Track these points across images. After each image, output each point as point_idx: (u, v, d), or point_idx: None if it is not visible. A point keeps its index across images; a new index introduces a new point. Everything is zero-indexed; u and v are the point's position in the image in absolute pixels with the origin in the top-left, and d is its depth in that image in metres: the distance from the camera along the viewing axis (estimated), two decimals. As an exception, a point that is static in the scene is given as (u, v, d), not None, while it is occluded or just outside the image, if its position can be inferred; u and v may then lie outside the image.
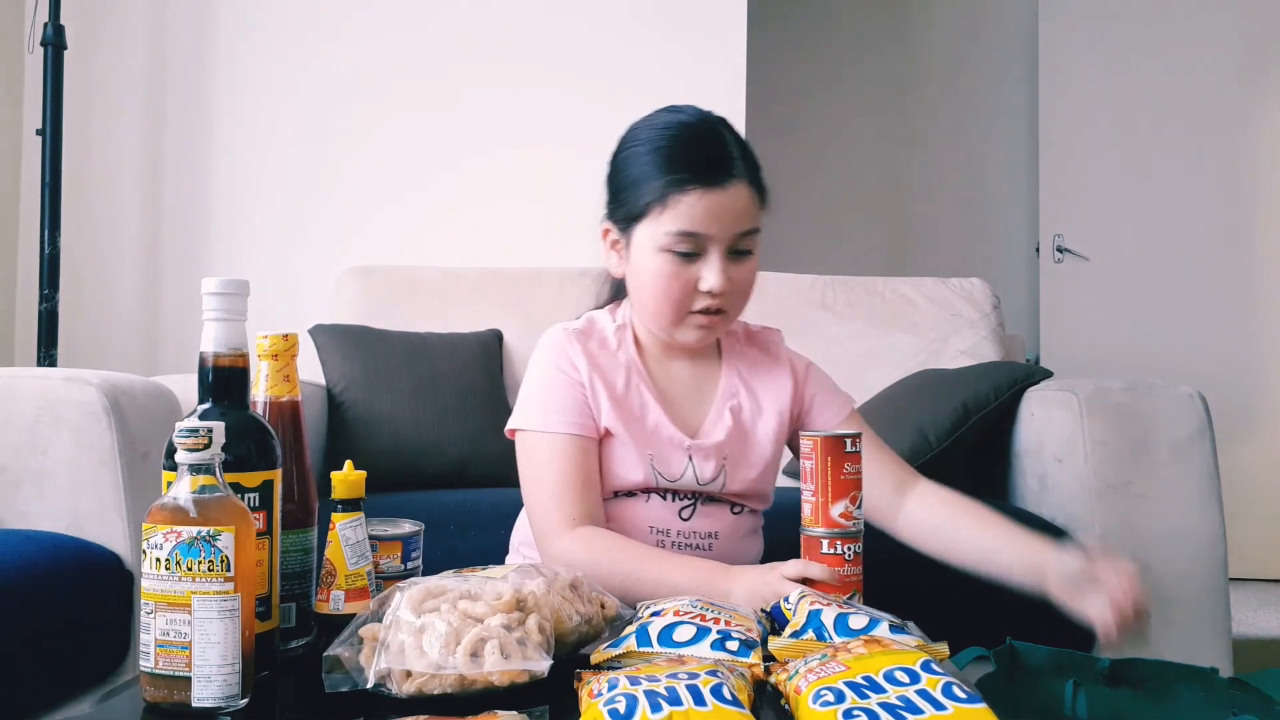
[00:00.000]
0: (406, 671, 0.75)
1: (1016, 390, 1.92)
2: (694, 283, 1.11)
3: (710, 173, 1.09)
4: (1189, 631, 1.67)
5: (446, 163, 2.74)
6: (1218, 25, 3.62)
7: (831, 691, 0.69)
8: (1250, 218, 3.63)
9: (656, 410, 1.17)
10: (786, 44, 4.00)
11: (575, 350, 1.17)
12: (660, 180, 1.10)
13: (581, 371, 1.16)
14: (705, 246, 1.10)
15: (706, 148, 1.12)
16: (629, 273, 1.17)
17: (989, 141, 4.03)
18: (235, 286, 0.85)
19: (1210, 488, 1.69)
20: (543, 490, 1.14)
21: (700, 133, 1.13)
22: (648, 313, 1.16)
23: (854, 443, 1.00)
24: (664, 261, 1.10)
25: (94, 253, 2.73)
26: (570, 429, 1.14)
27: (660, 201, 1.09)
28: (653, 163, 1.11)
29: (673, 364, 1.21)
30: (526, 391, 1.20)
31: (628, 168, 1.15)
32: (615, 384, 1.17)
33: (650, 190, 1.10)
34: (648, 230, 1.11)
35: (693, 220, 1.08)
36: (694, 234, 1.09)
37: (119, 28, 2.75)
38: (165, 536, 0.74)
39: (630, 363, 1.19)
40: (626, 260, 1.16)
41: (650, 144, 1.13)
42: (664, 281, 1.11)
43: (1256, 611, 2.99)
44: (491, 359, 2.24)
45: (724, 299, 1.12)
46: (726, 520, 1.19)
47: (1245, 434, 3.47)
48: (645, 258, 1.12)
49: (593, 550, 1.09)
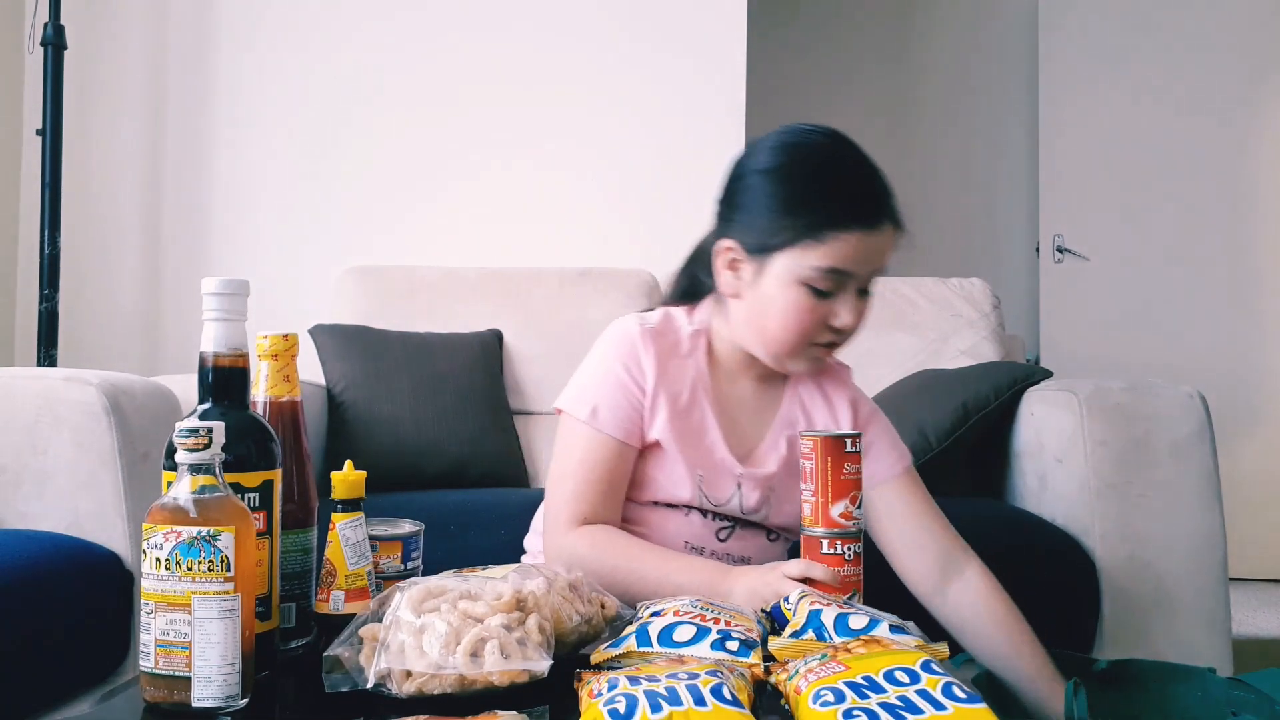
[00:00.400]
0: (406, 671, 0.75)
1: (1016, 390, 1.92)
2: (826, 318, 1.08)
3: (871, 214, 1.06)
4: (1189, 631, 1.67)
5: (447, 163, 2.74)
6: (1217, 26, 3.62)
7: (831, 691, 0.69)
8: (1250, 218, 3.63)
9: (715, 431, 1.15)
10: (786, 47, 4.00)
11: (647, 355, 1.14)
12: (815, 216, 1.05)
13: (648, 379, 1.13)
14: (845, 284, 1.07)
15: (866, 185, 1.08)
16: (752, 298, 1.10)
17: (989, 142, 4.03)
18: (235, 286, 0.85)
19: (1210, 488, 1.69)
20: (566, 483, 1.13)
21: (856, 166, 1.09)
22: (766, 338, 1.11)
23: (854, 443, 1.00)
24: (801, 295, 1.06)
25: (94, 253, 2.73)
26: (613, 432, 1.12)
27: (814, 236, 1.04)
28: (802, 193, 1.07)
29: (740, 381, 1.18)
30: (584, 376, 1.17)
31: (764, 192, 1.09)
32: (679, 396, 1.14)
33: (801, 224, 1.05)
34: (789, 262, 1.06)
35: (845, 259, 1.05)
36: (842, 273, 1.05)
37: (119, 28, 2.75)
38: (165, 536, 0.74)
39: (698, 375, 1.16)
40: (751, 285, 1.10)
41: (794, 170, 1.08)
42: (798, 315, 1.07)
43: (1256, 611, 2.99)
44: (491, 359, 2.24)
45: (844, 336, 1.10)
46: (760, 545, 1.18)
47: (1245, 434, 3.47)
48: (780, 288, 1.07)
49: (596, 546, 1.09)
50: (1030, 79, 3.88)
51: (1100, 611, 1.67)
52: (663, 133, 2.72)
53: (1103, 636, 1.67)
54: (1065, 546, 1.70)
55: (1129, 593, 1.67)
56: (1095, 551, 1.68)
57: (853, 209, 1.05)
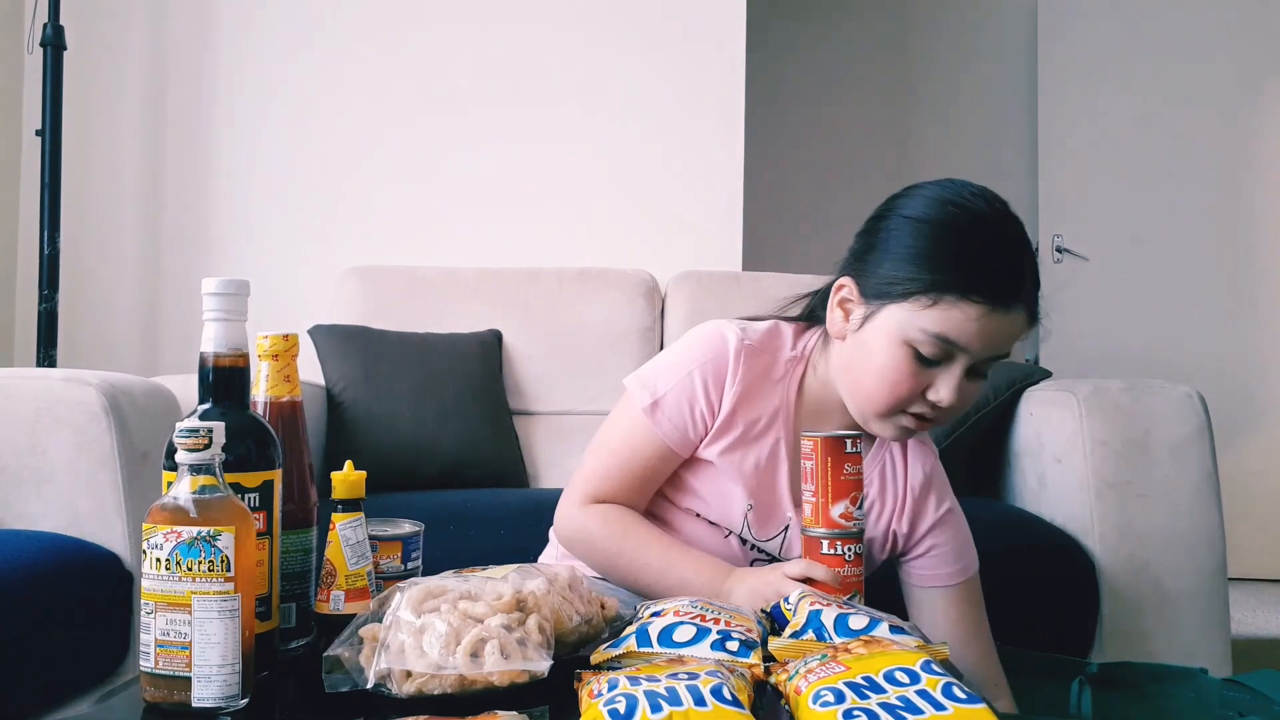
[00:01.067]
0: (406, 671, 0.75)
1: (1016, 390, 1.92)
2: (924, 387, 1.00)
3: (1001, 290, 0.97)
4: (1188, 631, 1.67)
5: (447, 163, 2.74)
6: (1217, 26, 3.62)
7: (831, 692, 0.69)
8: (1250, 218, 3.63)
9: (783, 466, 1.09)
10: (786, 47, 4.00)
11: (736, 373, 1.07)
12: (942, 275, 0.97)
13: (726, 403, 1.07)
14: (954, 357, 0.99)
15: (1008, 260, 0.99)
16: (853, 344, 1.04)
17: (989, 141, 4.03)
18: (235, 287, 0.85)
19: (1209, 488, 1.69)
20: (600, 459, 1.11)
21: (1004, 238, 1.00)
22: (859, 391, 1.04)
23: (854, 443, 1.00)
24: (904, 356, 0.99)
25: (94, 253, 2.73)
26: (664, 435, 1.08)
27: (933, 296, 0.96)
28: (938, 249, 0.98)
29: (823, 425, 1.10)
30: (662, 365, 1.11)
31: (902, 237, 1.01)
32: (756, 422, 1.09)
33: (924, 279, 0.97)
34: (901, 316, 0.98)
35: (959, 332, 0.96)
36: (952, 344, 0.97)
37: (119, 28, 2.75)
38: (165, 536, 0.74)
39: (783, 404, 1.10)
40: (856, 331, 1.03)
41: (942, 225, 1.00)
42: (895, 375, 0.99)
43: (1256, 611, 2.99)
44: (491, 359, 2.24)
45: (942, 413, 1.02)
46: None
47: (1245, 434, 3.47)
48: (884, 341, 1.00)
49: (608, 524, 1.08)
50: (1030, 79, 3.88)
51: (1100, 611, 1.67)
52: (662, 133, 2.72)
53: (1102, 636, 1.67)
54: (1065, 546, 1.70)
55: (1128, 592, 1.67)
56: (1095, 551, 1.68)
57: (984, 281, 0.96)
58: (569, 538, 1.12)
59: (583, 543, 1.10)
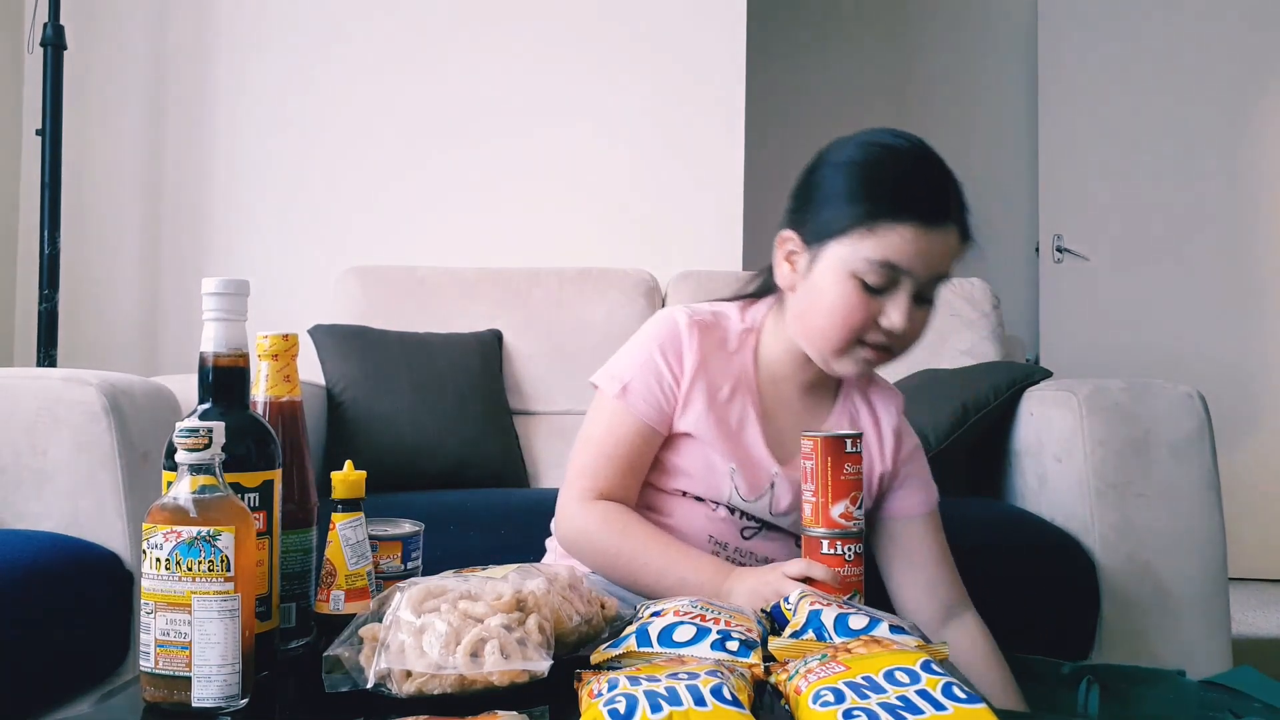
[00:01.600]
0: (406, 671, 0.75)
1: (1016, 390, 1.92)
2: (875, 316, 1.04)
3: (930, 208, 1.02)
4: (1188, 631, 1.67)
5: (447, 163, 2.74)
6: (1217, 27, 3.62)
7: (831, 691, 0.69)
8: (1250, 218, 3.63)
9: (754, 427, 1.13)
10: (786, 48, 4.00)
11: (691, 344, 1.12)
12: (872, 204, 1.02)
13: (686, 369, 1.11)
14: (899, 281, 1.03)
15: (932, 182, 1.05)
16: (803, 289, 1.09)
17: (989, 141, 4.03)
18: (235, 286, 0.85)
19: (1210, 487, 1.69)
20: (588, 453, 1.12)
21: (925, 164, 1.06)
22: (814, 333, 1.08)
23: (854, 443, 1.00)
24: (852, 288, 1.03)
25: (94, 253, 2.73)
26: (640, 413, 1.11)
27: (868, 225, 1.02)
28: (866, 182, 1.04)
29: (786, 387, 1.16)
30: (622, 356, 1.15)
31: (833, 181, 1.07)
32: (719, 390, 1.12)
33: (858, 211, 1.03)
34: (843, 251, 1.03)
35: (900, 253, 1.01)
36: (894, 268, 1.02)
37: (119, 28, 2.75)
38: (165, 536, 0.74)
39: (742, 372, 1.14)
40: (804, 276, 1.08)
41: (866, 162, 1.06)
42: (846, 308, 1.04)
43: (1256, 611, 2.99)
44: (491, 359, 2.24)
45: (897, 339, 1.06)
46: (787, 550, 1.15)
47: (1245, 434, 3.47)
48: (832, 278, 1.04)
49: (607, 524, 1.08)
50: (1030, 79, 3.88)
51: (1100, 611, 1.67)
52: (663, 133, 2.72)
53: (1102, 636, 1.67)
54: (1065, 546, 1.70)
55: (1128, 592, 1.67)
56: (1095, 551, 1.68)
57: (915, 202, 1.02)
58: (570, 539, 1.12)
59: (583, 543, 1.11)
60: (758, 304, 1.19)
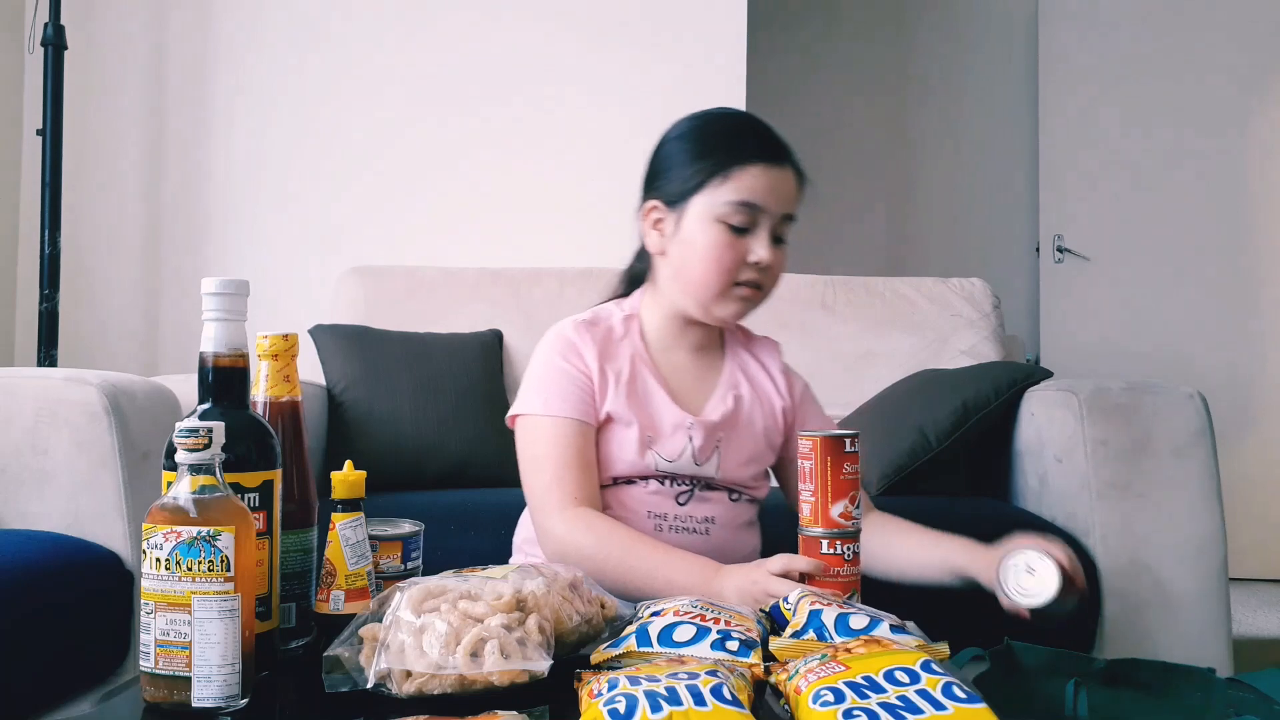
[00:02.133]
0: (406, 671, 0.75)
1: (1016, 390, 1.92)
2: (744, 255, 1.15)
3: (772, 150, 1.16)
4: (1189, 631, 1.67)
5: (447, 163, 2.74)
6: (1218, 25, 3.62)
7: (831, 691, 0.69)
8: (1250, 217, 3.63)
9: (660, 393, 1.20)
10: (787, 45, 4.00)
11: (584, 340, 1.20)
12: (723, 154, 1.15)
13: (589, 361, 1.18)
14: (758, 221, 1.14)
15: (763, 129, 1.19)
16: (675, 246, 1.18)
17: (989, 141, 4.03)
18: (235, 286, 0.85)
19: (1210, 488, 1.69)
20: (543, 472, 1.15)
21: (752, 118, 1.21)
22: (694, 282, 1.17)
23: (853, 443, 1.00)
24: (718, 232, 1.14)
25: (94, 253, 2.73)
26: (572, 414, 1.16)
27: (723, 173, 1.14)
28: (713, 139, 1.17)
29: (677, 354, 1.24)
30: (530, 380, 1.21)
31: (680, 149, 1.19)
32: (621, 370, 1.19)
33: (711, 163, 1.15)
34: (704, 202, 1.15)
35: (754, 192, 1.13)
36: (752, 205, 1.14)
37: (119, 28, 2.75)
38: (165, 536, 0.74)
39: (635, 352, 1.21)
40: (673, 236, 1.18)
41: (706, 127, 1.20)
42: (717, 250, 1.14)
43: (1256, 611, 2.99)
44: (491, 359, 2.24)
45: (765, 276, 1.16)
46: (724, 506, 1.20)
47: (1245, 434, 3.47)
48: (698, 228, 1.15)
49: (591, 531, 1.10)
50: (1030, 79, 3.88)
51: (1100, 612, 1.67)
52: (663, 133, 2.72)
53: (1103, 637, 1.67)
54: (1065, 546, 1.70)
55: (1129, 593, 1.67)
56: (1095, 552, 1.68)
57: (757, 145, 1.16)
58: (558, 554, 1.12)
59: (571, 555, 1.10)
60: (630, 297, 1.29)
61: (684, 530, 1.17)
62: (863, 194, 4.03)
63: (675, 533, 1.17)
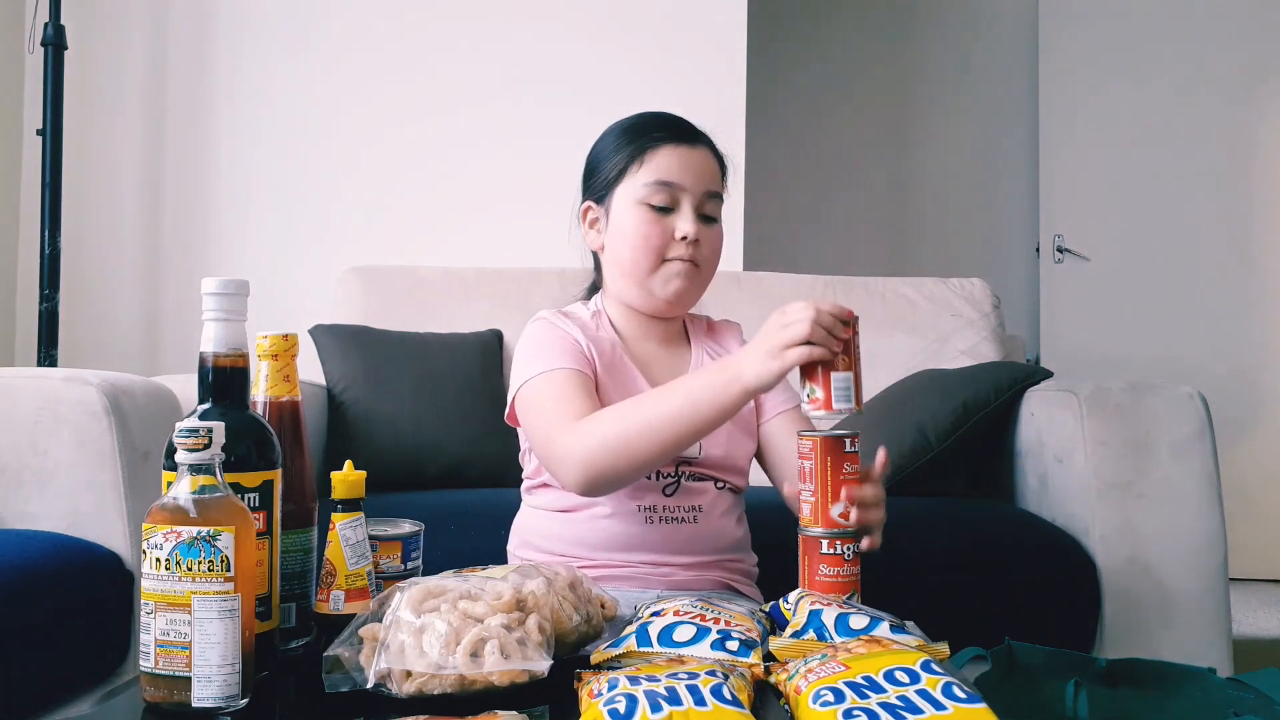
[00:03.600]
0: (406, 671, 0.75)
1: (1016, 390, 1.92)
2: (670, 232, 1.19)
3: (681, 132, 1.22)
4: (1189, 631, 1.67)
5: (447, 163, 2.74)
6: (1218, 26, 3.62)
7: (831, 691, 0.69)
8: (1250, 218, 3.63)
9: (641, 380, 1.22)
10: (787, 47, 4.00)
11: (566, 322, 1.24)
12: (637, 142, 1.21)
13: (576, 335, 1.21)
14: (679, 199, 1.19)
15: (674, 117, 1.25)
16: (609, 238, 1.24)
17: (989, 141, 4.03)
18: (235, 286, 0.85)
19: (1210, 488, 1.69)
20: (547, 414, 1.13)
21: (671, 114, 1.26)
22: (627, 267, 1.21)
23: (853, 442, 1.00)
24: (642, 213, 1.19)
25: (94, 253, 2.73)
26: (571, 365, 1.16)
27: (638, 158, 1.20)
28: (628, 132, 1.24)
29: (646, 343, 1.27)
30: (521, 359, 1.21)
31: (601, 147, 1.27)
32: (604, 352, 1.22)
33: (626, 153, 1.21)
34: (625, 189, 1.21)
35: (668, 170, 1.19)
36: (668, 183, 1.19)
37: (119, 28, 2.75)
38: (165, 536, 0.74)
39: (611, 343, 1.24)
40: (605, 230, 1.24)
41: (623, 124, 1.27)
42: (643, 229, 1.19)
43: (1256, 611, 2.99)
44: (491, 359, 2.23)
45: (697, 252, 1.20)
46: (710, 495, 1.21)
47: (1245, 434, 3.47)
48: (624, 214, 1.21)
49: (596, 424, 1.07)
50: (1030, 79, 3.88)
51: (1100, 612, 1.67)
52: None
53: (1103, 637, 1.67)
54: (1065, 546, 1.70)
55: (1129, 593, 1.67)
56: (1095, 551, 1.68)
57: (666, 128, 1.22)
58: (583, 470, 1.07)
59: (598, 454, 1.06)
60: (592, 299, 1.32)
61: (673, 520, 1.18)
62: (863, 194, 4.03)
63: (664, 523, 1.18)
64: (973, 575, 1.62)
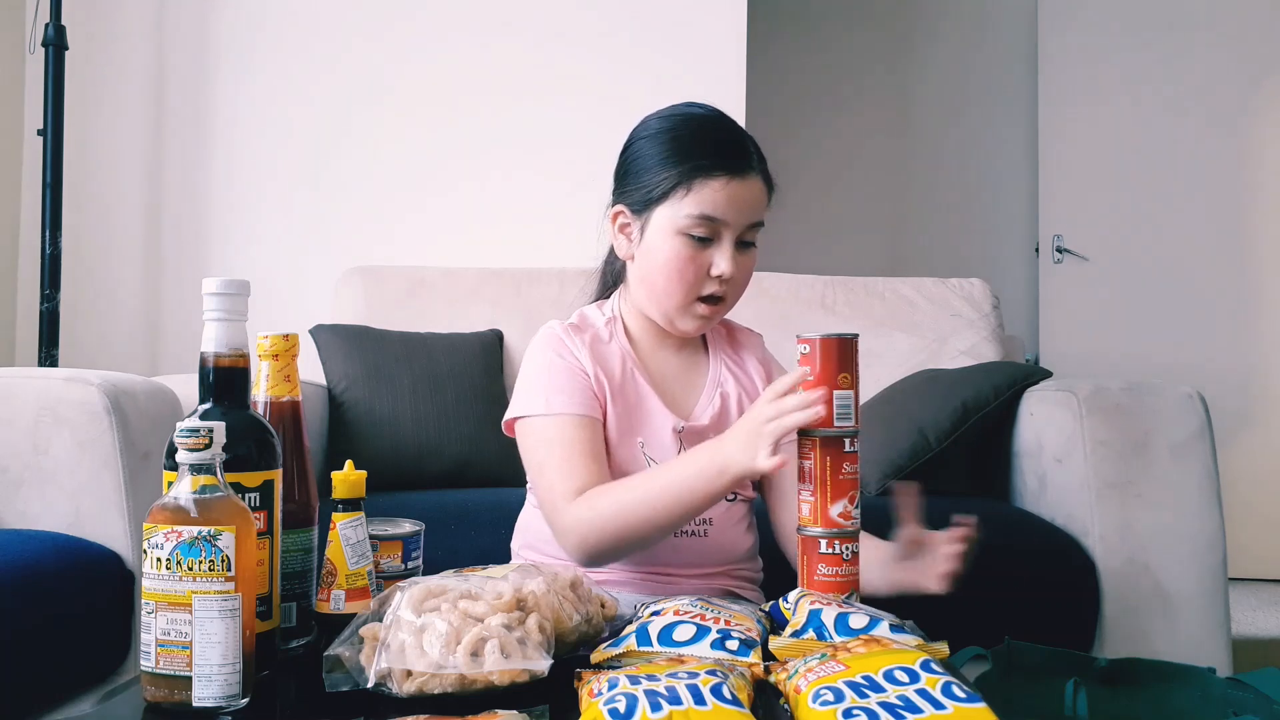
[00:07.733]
0: (407, 671, 0.75)
1: (1016, 390, 1.92)
2: (706, 268, 1.14)
3: (734, 161, 1.13)
4: (1189, 631, 1.67)
5: (447, 163, 2.74)
6: (1217, 27, 3.62)
7: (831, 691, 0.69)
8: (1250, 218, 3.63)
9: (652, 397, 1.20)
10: (787, 48, 4.00)
11: (575, 341, 1.19)
12: (685, 165, 1.13)
13: (584, 360, 1.18)
14: (720, 233, 1.13)
15: (729, 137, 1.17)
16: (640, 255, 1.18)
17: (989, 142, 4.03)
18: (236, 287, 0.85)
19: (1210, 488, 1.69)
20: (548, 470, 1.13)
21: (721, 124, 1.19)
22: (657, 293, 1.17)
23: (852, 442, 1.00)
24: (680, 244, 1.13)
25: (94, 253, 2.73)
26: (575, 409, 1.14)
27: (685, 185, 1.12)
28: (677, 148, 1.15)
29: (662, 353, 1.24)
30: (526, 380, 1.19)
31: (647, 153, 1.17)
32: (614, 373, 1.19)
33: (673, 174, 1.13)
34: (667, 213, 1.14)
35: (715, 205, 1.12)
36: (713, 219, 1.12)
37: (119, 28, 2.75)
38: (166, 536, 0.74)
39: (624, 352, 1.21)
40: (638, 243, 1.18)
41: (673, 131, 1.17)
42: (679, 264, 1.14)
43: (1256, 611, 2.99)
44: (491, 359, 2.24)
45: (727, 287, 1.16)
46: (720, 508, 1.19)
47: (1245, 434, 3.47)
48: (662, 239, 1.14)
49: (594, 502, 1.07)
50: (1030, 79, 3.88)
51: (1100, 611, 1.67)
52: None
53: (1103, 636, 1.67)
54: (1065, 547, 1.70)
55: (1129, 593, 1.67)
56: (1095, 552, 1.68)
57: (719, 157, 1.13)
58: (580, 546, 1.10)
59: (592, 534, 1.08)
60: (610, 299, 1.28)
61: (683, 533, 1.16)
62: (863, 194, 4.03)
63: (674, 536, 1.16)
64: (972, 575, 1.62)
